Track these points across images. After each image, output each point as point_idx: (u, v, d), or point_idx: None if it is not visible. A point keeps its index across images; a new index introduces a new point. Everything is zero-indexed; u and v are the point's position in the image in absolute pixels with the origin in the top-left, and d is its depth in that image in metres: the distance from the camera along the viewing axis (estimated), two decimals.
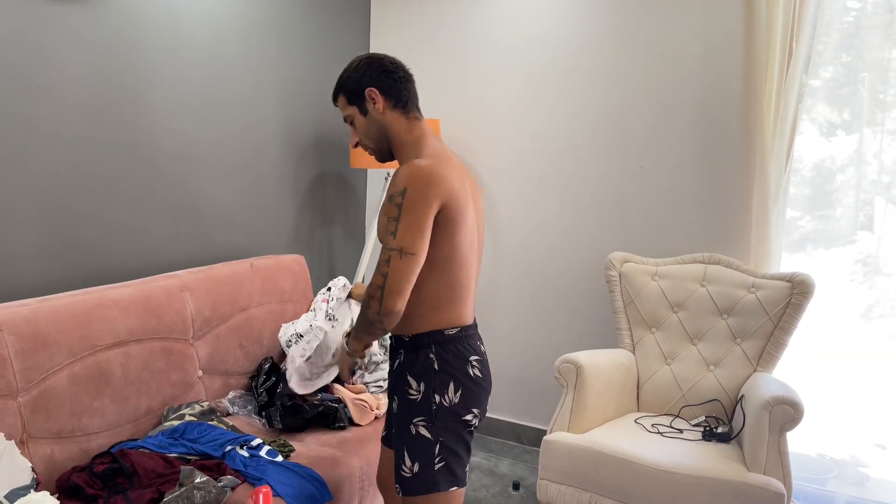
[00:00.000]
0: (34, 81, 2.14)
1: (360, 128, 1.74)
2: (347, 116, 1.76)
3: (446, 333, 1.67)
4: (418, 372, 1.66)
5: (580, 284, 3.28)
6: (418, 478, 1.64)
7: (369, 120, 1.72)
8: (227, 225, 2.92)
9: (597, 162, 3.20)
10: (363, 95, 1.70)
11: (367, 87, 1.70)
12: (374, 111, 1.71)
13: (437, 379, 1.65)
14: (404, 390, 1.67)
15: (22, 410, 1.86)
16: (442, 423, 1.65)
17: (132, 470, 1.85)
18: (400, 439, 1.68)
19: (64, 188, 2.26)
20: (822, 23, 2.72)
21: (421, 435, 1.64)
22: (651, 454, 2.33)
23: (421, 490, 1.65)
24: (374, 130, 1.73)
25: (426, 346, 1.67)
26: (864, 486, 2.81)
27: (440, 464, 1.64)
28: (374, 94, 1.69)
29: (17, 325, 1.89)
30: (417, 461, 1.64)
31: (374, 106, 1.70)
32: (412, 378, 1.67)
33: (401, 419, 1.68)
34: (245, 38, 2.91)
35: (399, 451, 1.67)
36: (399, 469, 1.67)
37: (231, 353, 2.54)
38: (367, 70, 1.70)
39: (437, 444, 1.64)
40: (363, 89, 1.70)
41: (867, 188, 2.78)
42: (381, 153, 1.77)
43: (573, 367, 2.56)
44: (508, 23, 3.34)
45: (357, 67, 1.72)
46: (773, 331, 2.63)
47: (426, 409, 1.64)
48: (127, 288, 2.25)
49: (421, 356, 1.67)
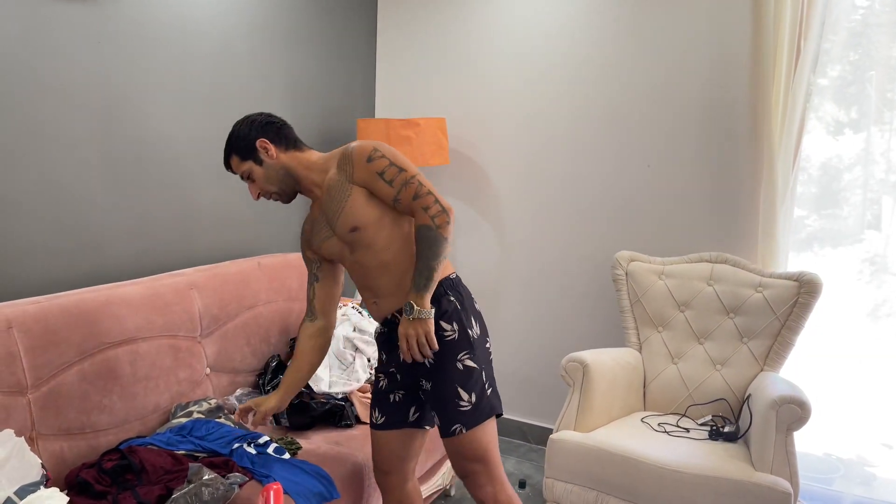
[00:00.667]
0: (43, 80, 2.15)
1: (259, 177, 1.88)
2: (244, 173, 1.89)
3: (451, 278, 1.90)
4: (449, 315, 1.83)
5: (586, 283, 3.28)
6: (478, 407, 1.82)
7: (266, 167, 1.87)
8: (235, 223, 2.93)
9: (603, 161, 3.20)
10: (255, 148, 1.86)
11: (256, 139, 1.86)
12: (267, 158, 1.87)
13: (463, 316, 1.85)
14: (440, 336, 1.81)
15: (32, 407, 1.87)
16: (479, 353, 1.86)
17: (140, 466, 1.86)
18: (448, 380, 1.82)
19: (72, 186, 2.27)
20: (829, 21, 2.71)
21: (468, 366, 1.83)
22: (657, 453, 2.32)
23: (482, 417, 1.83)
24: (273, 175, 1.88)
25: (443, 294, 1.85)
26: (871, 486, 2.80)
27: (489, 389, 1.86)
28: (266, 144, 1.86)
29: (26, 323, 1.90)
30: (473, 391, 1.82)
31: (267, 154, 1.87)
32: (444, 322, 1.83)
33: (442, 362, 1.82)
34: (252, 38, 2.91)
35: (451, 392, 1.81)
36: (457, 408, 1.81)
37: (238, 351, 2.55)
38: (252, 126, 1.87)
39: (482, 371, 1.85)
40: (253, 142, 1.86)
41: (875, 187, 2.77)
42: (286, 194, 1.92)
43: (579, 366, 2.56)
44: (515, 22, 3.33)
45: (240, 129, 1.88)
46: (780, 330, 2.62)
47: (467, 343, 1.83)
48: (135, 286, 2.26)
49: (443, 301, 1.84)
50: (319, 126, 3.37)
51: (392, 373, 1.96)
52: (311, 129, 3.32)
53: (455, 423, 1.81)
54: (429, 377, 1.86)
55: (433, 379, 1.85)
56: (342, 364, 2.54)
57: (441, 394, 1.83)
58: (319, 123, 3.37)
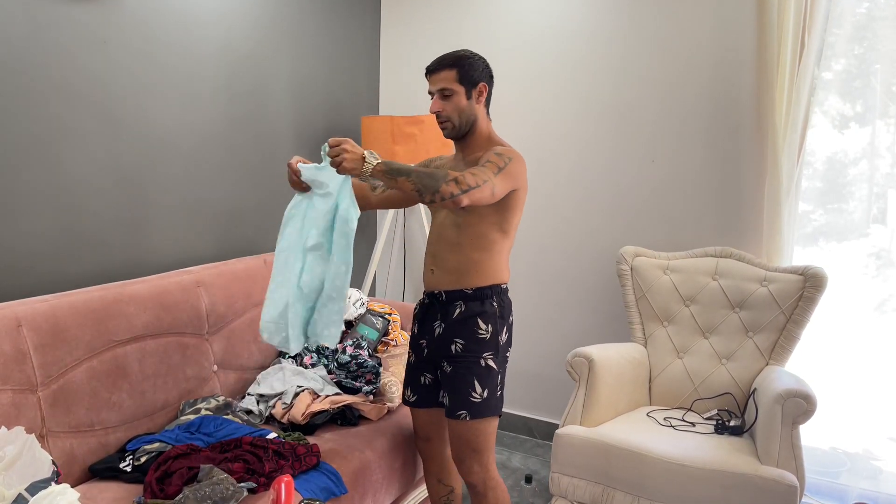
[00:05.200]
0: (50, 80, 2.17)
1: (455, 106, 2.00)
2: (445, 88, 1.99)
3: (501, 287, 2.08)
4: (487, 316, 2.02)
5: (592, 278, 3.29)
6: (486, 402, 2.00)
7: (469, 105, 2.01)
8: (241, 220, 2.94)
9: (608, 156, 3.20)
10: (476, 85, 2.01)
11: (483, 81, 2.02)
12: (476, 101, 2.02)
13: (499, 322, 2.03)
14: (474, 331, 2.01)
15: (42, 404, 1.89)
16: (501, 358, 2.05)
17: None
18: (469, 372, 2.00)
19: (81, 185, 2.29)
20: (834, 15, 2.70)
21: (490, 366, 2.01)
22: (663, 447, 2.33)
23: (486, 413, 2.01)
24: (466, 113, 2.01)
25: (489, 297, 2.03)
26: (878, 480, 2.80)
27: (499, 391, 2.05)
28: (485, 90, 2.03)
29: (36, 321, 1.91)
30: (487, 388, 2.00)
31: (478, 97, 2.02)
32: (482, 321, 2.01)
33: (468, 355, 2.01)
34: (256, 36, 2.92)
35: (467, 382, 2.00)
36: (468, 397, 1.99)
37: (245, 348, 2.56)
38: (486, 68, 2.04)
39: (499, 374, 2.04)
40: (479, 81, 2.01)
41: (880, 181, 2.77)
42: (457, 131, 2.04)
43: (585, 361, 2.57)
44: (518, 19, 3.33)
45: (477, 62, 2.02)
46: (785, 324, 2.63)
47: (494, 346, 2.02)
48: (143, 284, 2.27)
49: (486, 304, 2.02)
50: (324, 123, 3.38)
51: (420, 346, 2.15)
52: (316, 127, 3.33)
53: (462, 409, 2.00)
54: (451, 362, 2.03)
55: (455, 364, 2.02)
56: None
57: (458, 380, 2.01)
58: (324, 121, 3.38)
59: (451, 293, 2.05)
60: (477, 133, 2.06)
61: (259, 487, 1.86)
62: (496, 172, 1.88)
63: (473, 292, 2.03)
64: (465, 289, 2.03)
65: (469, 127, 2.03)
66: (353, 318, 2.74)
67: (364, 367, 2.48)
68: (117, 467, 1.95)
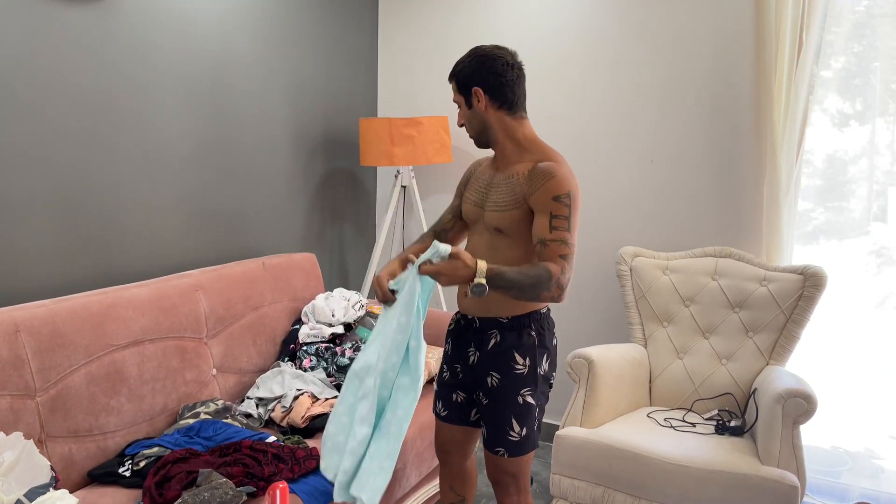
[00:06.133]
0: (47, 83, 2.16)
1: (464, 116, 1.90)
2: (457, 100, 1.90)
3: (541, 312, 1.91)
4: (525, 349, 1.86)
5: (591, 279, 3.28)
6: (525, 440, 1.89)
7: (472, 113, 1.87)
8: (239, 224, 2.94)
9: (606, 156, 3.20)
10: (469, 91, 1.84)
11: (474, 85, 1.83)
12: (476, 107, 1.85)
13: (538, 353, 1.87)
14: (510, 366, 1.86)
15: (40, 410, 1.89)
16: (540, 390, 1.90)
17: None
18: (506, 408, 1.87)
19: (78, 189, 2.29)
20: (833, 13, 2.70)
21: (528, 403, 1.87)
22: (664, 448, 2.33)
23: (525, 450, 1.90)
24: (475, 122, 1.88)
25: (527, 325, 1.87)
26: (879, 479, 2.79)
27: (537, 424, 1.93)
28: (479, 94, 1.83)
29: (34, 326, 1.91)
30: (525, 425, 1.88)
31: (477, 103, 1.85)
32: (518, 355, 1.86)
33: (505, 391, 1.86)
34: (253, 38, 2.92)
35: (504, 419, 1.87)
36: (506, 435, 1.87)
37: (244, 352, 2.56)
38: (478, 68, 1.83)
39: (537, 408, 1.90)
40: (470, 86, 1.84)
41: (880, 179, 2.76)
42: (479, 141, 1.92)
43: (585, 362, 2.57)
44: (517, 20, 3.33)
45: (470, 62, 1.85)
46: (785, 324, 2.62)
47: (532, 380, 1.87)
48: (141, 288, 2.27)
49: (524, 334, 1.87)
50: (322, 126, 3.38)
51: (455, 369, 2.02)
52: (315, 129, 3.33)
53: (500, 446, 1.90)
54: (488, 395, 1.90)
55: (491, 398, 1.90)
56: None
57: (496, 417, 1.89)
58: (322, 123, 3.37)
59: (486, 321, 1.90)
60: (500, 141, 1.88)
61: (258, 491, 1.86)
62: (569, 228, 1.74)
63: (509, 321, 1.87)
64: (500, 317, 1.87)
65: (485, 135, 1.89)
66: (353, 321, 2.73)
67: None
68: (116, 472, 1.95)
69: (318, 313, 2.71)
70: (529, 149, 1.86)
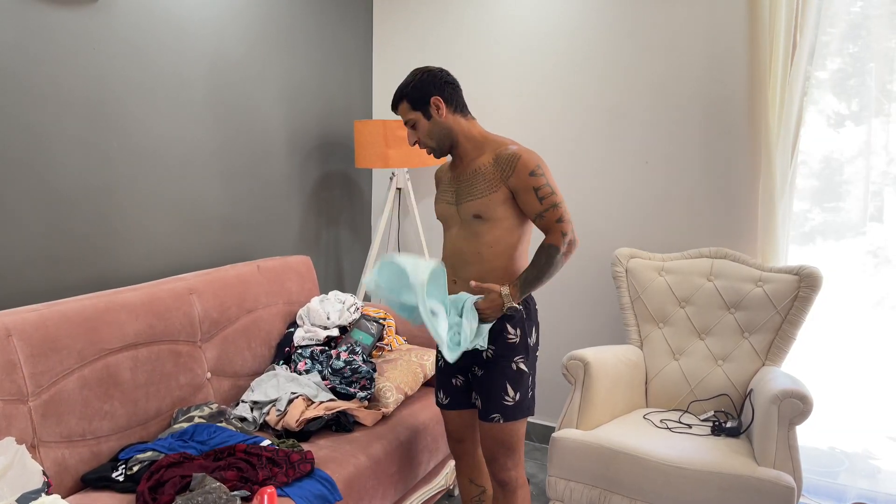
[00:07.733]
0: (40, 87, 2.16)
1: (423, 130, 2.04)
2: (409, 120, 2.04)
3: None
4: (515, 320, 2.02)
5: (587, 281, 3.28)
6: (519, 405, 2.04)
7: (433, 123, 2.03)
8: (233, 227, 2.93)
9: (601, 158, 3.19)
10: (428, 103, 2.00)
11: (432, 96, 2.00)
12: (436, 116, 2.01)
13: (527, 324, 2.05)
14: (503, 336, 2.02)
15: (32, 415, 1.88)
16: (531, 359, 2.07)
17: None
18: (501, 376, 2.03)
19: (71, 193, 2.28)
20: (828, 13, 2.70)
21: (521, 369, 2.04)
22: (660, 450, 2.32)
23: (518, 415, 2.04)
24: (436, 131, 2.03)
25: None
26: (876, 479, 2.79)
27: (530, 392, 2.08)
28: (439, 102, 2.00)
29: (26, 331, 1.90)
30: (519, 391, 2.03)
31: (437, 112, 2.01)
32: (510, 326, 2.02)
33: (500, 359, 2.03)
34: (248, 41, 2.92)
35: (500, 385, 2.03)
36: (501, 400, 2.02)
37: (239, 355, 2.56)
38: (431, 81, 2.01)
39: (530, 375, 2.07)
40: (428, 98, 2.00)
41: (876, 179, 2.76)
42: (440, 150, 2.08)
43: (581, 364, 2.56)
44: (511, 21, 3.33)
45: (421, 79, 2.01)
46: (780, 324, 2.62)
47: (524, 349, 2.04)
48: (135, 292, 2.26)
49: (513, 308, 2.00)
50: (317, 128, 3.37)
51: None
52: (309, 132, 3.32)
53: (496, 412, 2.03)
54: (483, 366, 2.06)
55: (487, 369, 2.05)
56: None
57: (491, 385, 2.04)
58: (317, 125, 3.37)
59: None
60: (463, 141, 2.06)
61: (252, 495, 1.85)
62: (553, 191, 1.96)
63: None
64: None
65: (449, 141, 2.05)
66: (348, 324, 2.73)
67: (358, 373, 2.47)
68: (110, 477, 1.94)
69: (313, 316, 2.71)
70: (485, 143, 2.05)
